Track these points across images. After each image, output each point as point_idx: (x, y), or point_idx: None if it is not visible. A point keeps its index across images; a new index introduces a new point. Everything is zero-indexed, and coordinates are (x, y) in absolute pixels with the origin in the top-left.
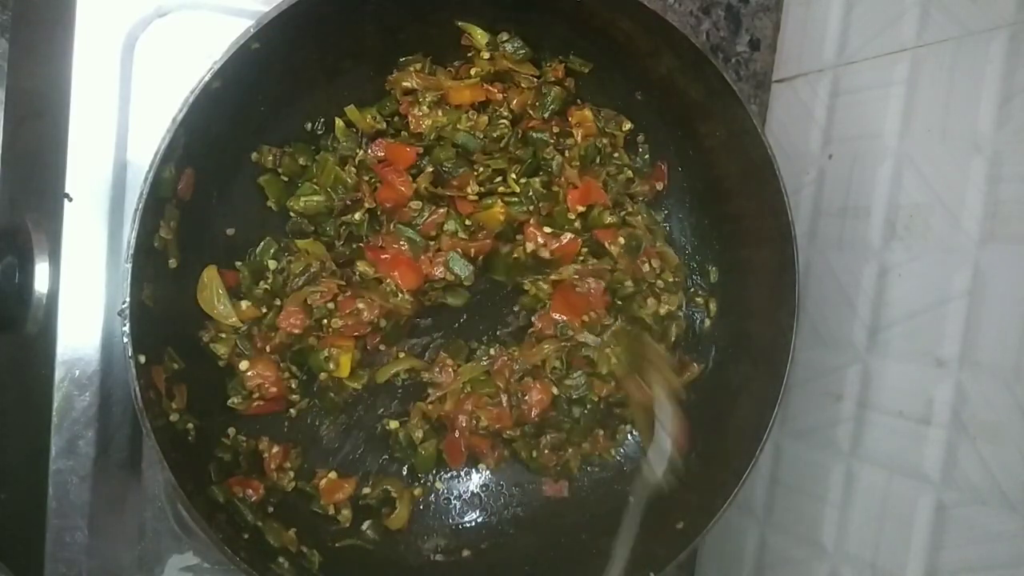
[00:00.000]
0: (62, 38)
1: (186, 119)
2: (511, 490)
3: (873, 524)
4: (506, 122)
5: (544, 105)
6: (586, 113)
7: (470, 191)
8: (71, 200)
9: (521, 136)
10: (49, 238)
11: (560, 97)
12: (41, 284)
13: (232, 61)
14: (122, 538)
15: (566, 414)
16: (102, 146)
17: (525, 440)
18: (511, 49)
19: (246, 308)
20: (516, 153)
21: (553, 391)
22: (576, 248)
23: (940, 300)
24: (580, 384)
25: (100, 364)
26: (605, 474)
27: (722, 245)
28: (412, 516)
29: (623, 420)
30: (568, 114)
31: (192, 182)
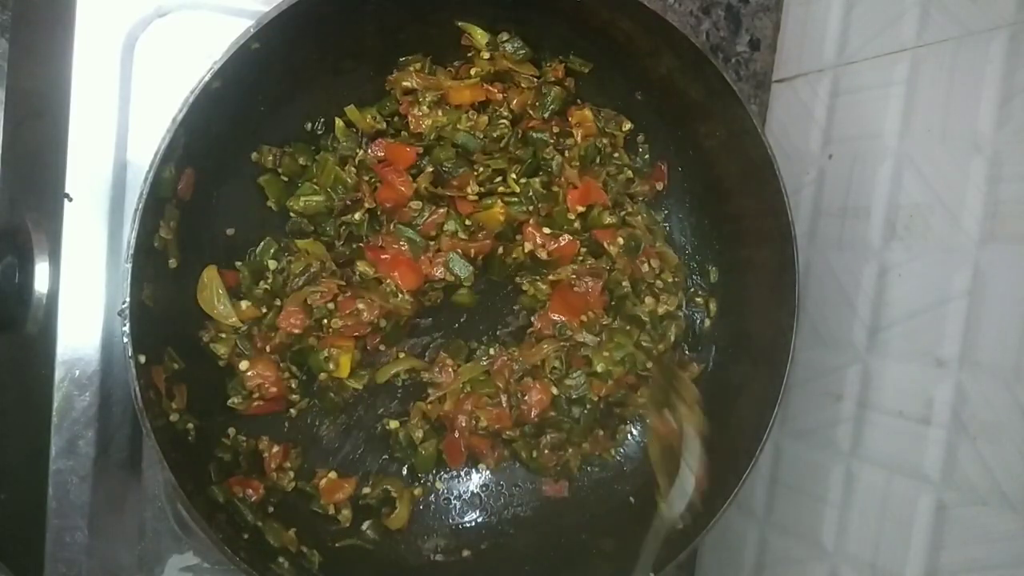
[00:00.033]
0: (62, 38)
1: (186, 119)
2: (511, 490)
3: (873, 524)
4: (506, 122)
5: (544, 105)
6: (586, 113)
7: (470, 191)
8: (71, 200)
9: (521, 136)
10: (49, 238)
11: (560, 97)
12: (41, 284)
13: (232, 61)
14: (122, 538)
15: (566, 414)
16: (102, 146)
17: (525, 440)
18: (511, 49)
19: (246, 308)
20: (516, 153)
21: (553, 391)
22: (574, 250)
23: (940, 300)
24: (580, 384)
25: (100, 364)
26: (605, 474)
27: (722, 245)
28: (412, 516)
29: (623, 420)
30: (568, 114)
31: (192, 182)
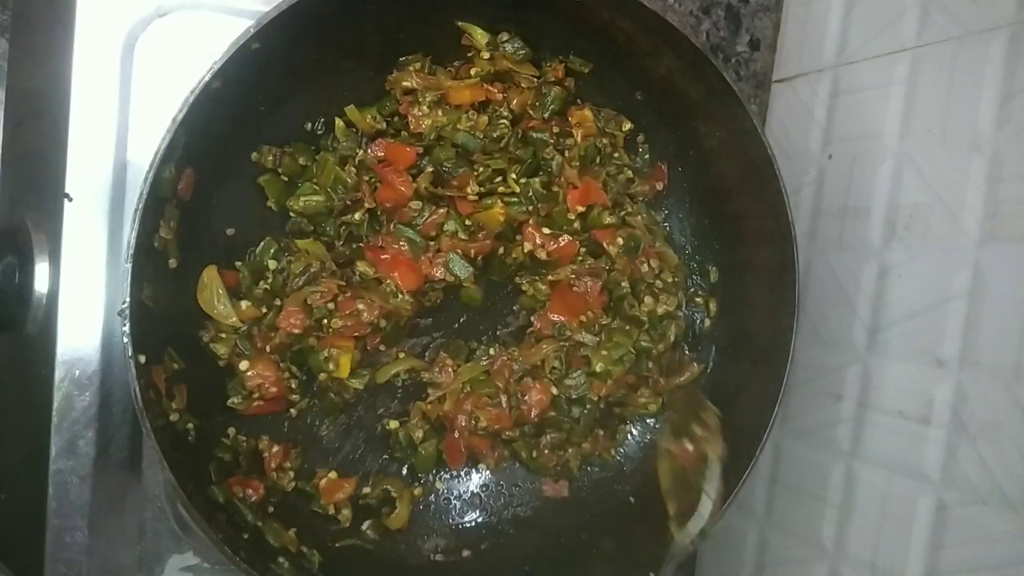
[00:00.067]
0: (62, 38)
1: (186, 119)
2: (511, 490)
3: (873, 524)
4: (506, 122)
5: (544, 105)
6: (586, 113)
7: (470, 191)
8: (71, 200)
9: (521, 136)
10: (49, 238)
11: (560, 97)
12: (41, 284)
13: (232, 61)
14: (122, 538)
15: (566, 414)
16: (102, 146)
17: (525, 440)
18: (511, 49)
19: (246, 308)
20: (516, 153)
21: (553, 391)
22: (574, 251)
23: (940, 300)
24: (579, 384)
25: (100, 364)
26: (605, 474)
27: (722, 245)
28: (412, 516)
29: (623, 420)
30: (568, 114)
31: (192, 182)
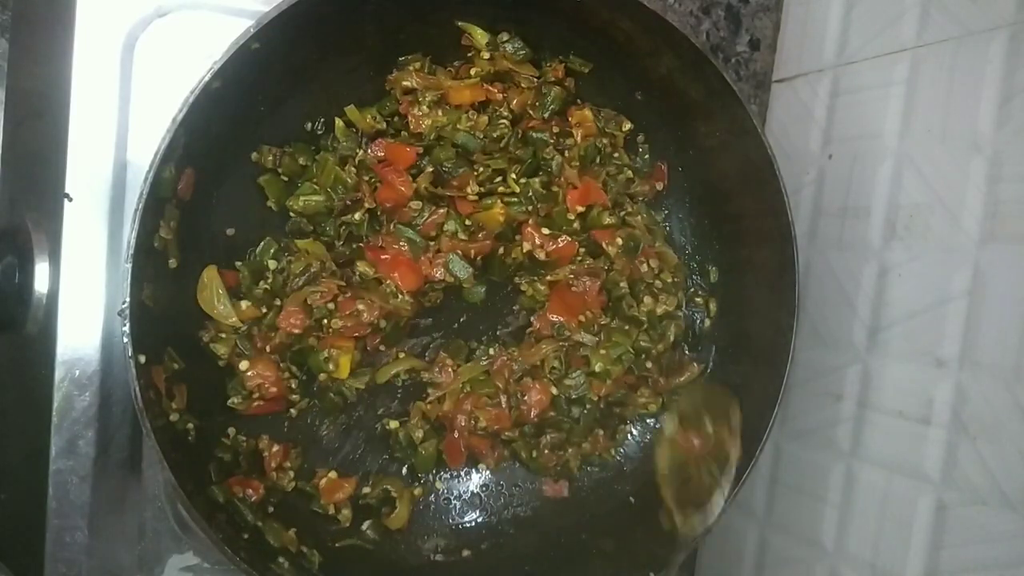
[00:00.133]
0: (62, 38)
1: (186, 119)
2: (511, 490)
3: (873, 524)
4: (506, 122)
5: (544, 105)
6: (586, 113)
7: (470, 191)
8: (71, 200)
9: (521, 136)
10: (49, 238)
11: (560, 97)
12: (41, 284)
13: (232, 61)
14: (122, 538)
15: (566, 414)
16: (102, 146)
17: (525, 440)
18: (511, 49)
19: (246, 308)
20: (516, 153)
21: (552, 391)
22: (573, 251)
23: (940, 300)
24: (579, 384)
25: (100, 364)
26: (605, 474)
27: (722, 245)
28: (412, 516)
29: (623, 420)
30: (568, 114)
31: (192, 182)
